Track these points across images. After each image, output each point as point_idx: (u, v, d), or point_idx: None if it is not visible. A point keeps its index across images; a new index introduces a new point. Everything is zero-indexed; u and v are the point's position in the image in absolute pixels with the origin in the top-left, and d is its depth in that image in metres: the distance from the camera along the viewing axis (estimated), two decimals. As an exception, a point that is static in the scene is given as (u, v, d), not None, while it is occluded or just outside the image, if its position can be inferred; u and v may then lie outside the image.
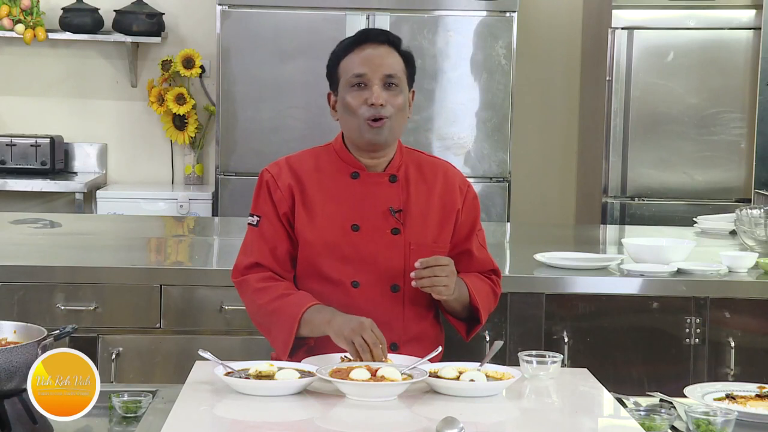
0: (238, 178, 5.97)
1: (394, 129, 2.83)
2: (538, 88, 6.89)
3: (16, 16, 6.45)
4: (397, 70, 2.82)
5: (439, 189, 2.91)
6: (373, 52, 2.82)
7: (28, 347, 2.28)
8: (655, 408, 2.43)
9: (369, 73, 2.80)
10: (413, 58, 2.91)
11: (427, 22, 6.00)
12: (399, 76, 2.82)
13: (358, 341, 2.59)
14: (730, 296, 3.66)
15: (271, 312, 2.79)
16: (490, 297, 2.97)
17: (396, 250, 2.84)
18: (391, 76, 2.81)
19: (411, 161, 2.92)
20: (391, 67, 2.81)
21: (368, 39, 2.84)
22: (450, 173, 2.96)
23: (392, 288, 2.85)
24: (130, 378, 3.59)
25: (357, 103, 2.80)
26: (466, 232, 2.95)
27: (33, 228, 4.57)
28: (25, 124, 6.69)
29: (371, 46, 2.83)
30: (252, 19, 5.95)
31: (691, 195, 6.18)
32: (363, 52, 2.82)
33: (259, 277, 2.84)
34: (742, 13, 6.14)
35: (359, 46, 2.83)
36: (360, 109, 2.80)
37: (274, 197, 2.87)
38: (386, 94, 2.80)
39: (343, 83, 2.84)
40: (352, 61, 2.82)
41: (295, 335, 2.74)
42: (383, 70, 2.80)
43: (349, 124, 2.84)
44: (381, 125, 2.79)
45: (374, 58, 2.81)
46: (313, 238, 2.84)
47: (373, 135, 2.80)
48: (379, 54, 2.81)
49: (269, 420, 2.34)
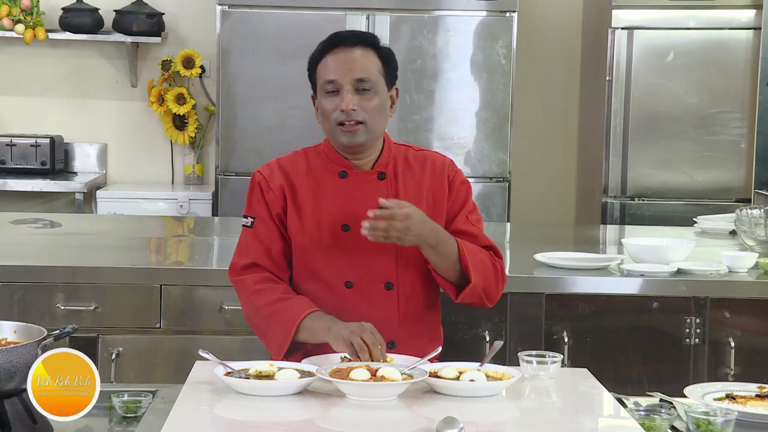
0: (238, 178, 5.97)
1: (370, 131, 2.81)
2: (538, 88, 6.89)
3: (16, 16, 6.45)
4: (370, 72, 2.80)
5: (428, 181, 2.90)
6: (344, 56, 2.81)
7: (28, 347, 2.28)
8: (655, 408, 2.43)
9: (339, 78, 2.79)
10: (392, 55, 2.88)
11: (427, 22, 6.00)
12: (372, 79, 2.80)
13: (357, 342, 2.59)
14: (730, 296, 3.66)
15: (268, 315, 2.79)
16: (486, 264, 2.86)
17: (387, 247, 2.83)
18: (362, 80, 2.79)
19: (399, 156, 2.91)
20: (363, 70, 2.80)
21: (339, 42, 2.83)
22: (438, 163, 2.94)
23: (386, 286, 2.85)
24: (130, 378, 3.59)
25: (330, 108, 2.81)
26: (455, 212, 2.91)
27: (33, 228, 4.57)
28: (25, 124, 6.69)
29: (343, 49, 2.82)
30: (252, 19, 5.95)
31: (691, 195, 6.18)
32: (334, 56, 2.82)
33: (257, 278, 2.84)
34: (742, 13, 6.14)
35: (332, 50, 2.83)
36: (333, 114, 2.80)
37: (266, 198, 2.87)
38: (358, 98, 2.79)
39: (319, 88, 2.85)
40: (326, 65, 2.83)
41: (291, 339, 2.74)
42: (353, 74, 2.79)
43: (326, 129, 2.86)
44: (353, 129, 2.79)
45: (345, 62, 2.80)
46: (305, 240, 2.85)
47: (346, 138, 2.81)
48: (351, 57, 2.80)
49: (269, 420, 2.34)
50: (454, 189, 2.92)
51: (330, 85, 2.80)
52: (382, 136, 2.90)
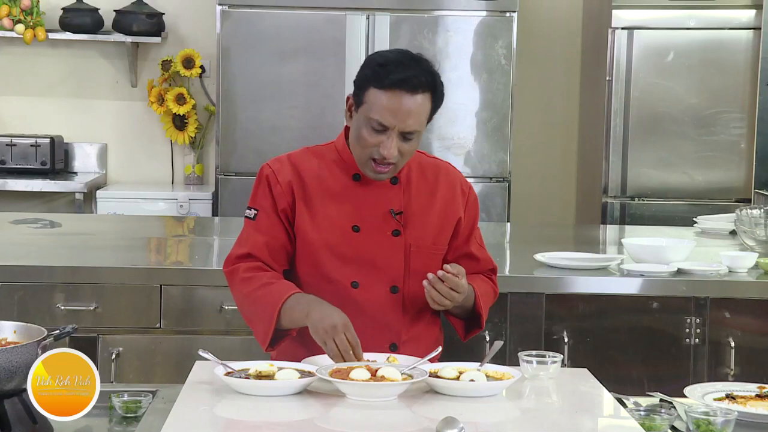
0: (238, 178, 5.97)
1: (397, 168, 2.81)
2: (538, 88, 6.89)
3: (16, 16, 6.45)
4: (421, 121, 2.73)
5: (441, 191, 2.91)
6: (405, 103, 2.70)
7: (28, 347, 2.28)
8: (655, 408, 2.43)
9: (391, 125, 2.71)
10: (443, 95, 2.79)
11: (427, 22, 6.00)
12: (419, 129, 2.74)
13: (330, 346, 2.59)
14: (730, 296, 3.66)
15: (253, 301, 2.79)
16: (490, 297, 2.99)
17: (396, 251, 2.84)
18: (411, 133, 2.73)
19: (413, 163, 2.91)
20: (416, 122, 2.72)
21: (404, 84, 2.70)
22: (451, 175, 2.96)
23: (392, 289, 2.85)
24: (130, 378, 3.59)
25: (371, 143, 2.74)
26: (467, 234, 2.96)
27: (33, 228, 4.57)
28: (25, 124, 6.69)
29: (404, 94, 2.70)
30: (252, 19, 5.95)
31: (691, 195, 6.18)
32: (395, 99, 2.69)
33: (247, 267, 2.83)
34: (742, 13, 6.14)
35: (393, 89, 2.70)
36: (371, 148, 2.75)
37: (273, 191, 2.86)
38: (401, 144, 2.73)
39: (364, 111, 2.74)
40: (380, 102, 2.70)
41: (275, 326, 2.73)
42: (406, 126, 2.71)
43: (356, 150, 2.80)
44: (384, 170, 2.78)
45: (402, 111, 2.70)
46: (314, 238, 2.84)
47: (374, 175, 2.79)
48: (409, 108, 2.70)
49: (269, 420, 2.34)
50: (469, 208, 2.95)
51: (379, 126, 2.72)
52: None
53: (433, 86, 2.75)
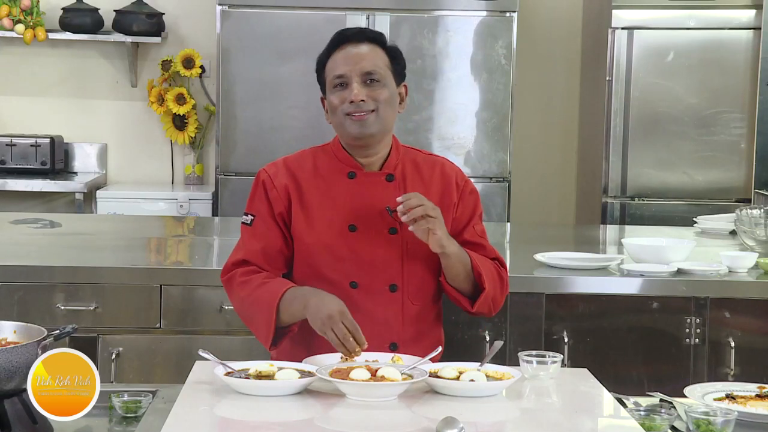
0: (238, 178, 5.97)
1: (381, 121, 2.82)
2: (538, 88, 6.89)
3: (16, 16, 6.45)
4: (378, 65, 2.83)
5: (436, 186, 2.91)
6: (352, 50, 2.84)
7: (28, 347, 2.28)
8: (655, 408, 2.43)
9: (347, 72, 2.82)
10: (399, 52, 2.91)
11: (427, 22, 6.00)
12: (380, 72, 2.83)
13: (330, 336, 2.61)
14: (730, 296, 3.66)
15: (251, 303, 2.80)
16: (493, 273, 2.91)
17: (393, 249, 2.84)
18: (370, 73, 2.81)
19: (408, 159, 2.92)
20: (371, 63, 2.82)
21: (346, 39, 2.86)
22: (447, 169, 2.95)
23: (390, 288, 2.85)
24: (130, 378, 3.59)
25: (339, 101, 2.82)
26: (463, 224, 2.93)
27: (33, 228, 4.57)
28: (25, 124, 6.69)
29: (350, 45, 2.85)
30: (252, 19, 5.95)
31: (691, 195, 6.18)
32: (342, 52, 2.84)
33: (243, 272, 2.84)
34: (742, 13, 6.14)
35: (339, 47, 2.86)
36: (341, 106, 2.82)
37: (270, 196, 2.87)
38: (367, 90, 2.81)
39: (328, 85, 2.87)
40: (334, 62, 2.85)
41: (275, 323, 2.74)
42: (361, 67, 2.81)
43: (335, 123, 2.86)
44: (362, 118, 2.80)
45: (353, 57, 2.83)
46: (311, 240, 2.84)
47: (356, 127, 2.81)
48: (358, 52, 2.83)
49: (269, 420, 2.34)
50: (464, 198, 2.94)
51: (338, 80, 2.82)
52: (391, 135, 2.90)
53: (379, 40, 2.87)
